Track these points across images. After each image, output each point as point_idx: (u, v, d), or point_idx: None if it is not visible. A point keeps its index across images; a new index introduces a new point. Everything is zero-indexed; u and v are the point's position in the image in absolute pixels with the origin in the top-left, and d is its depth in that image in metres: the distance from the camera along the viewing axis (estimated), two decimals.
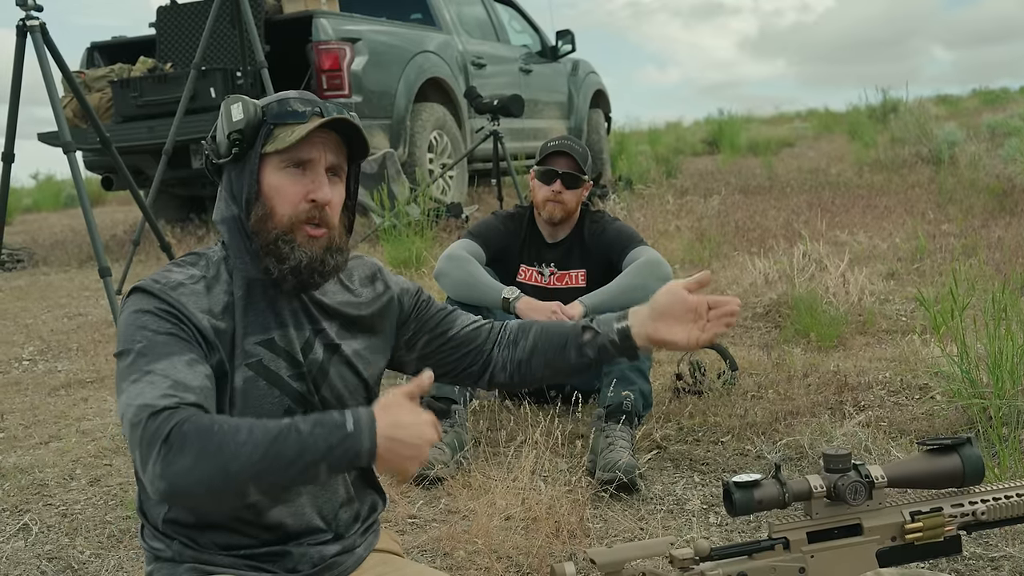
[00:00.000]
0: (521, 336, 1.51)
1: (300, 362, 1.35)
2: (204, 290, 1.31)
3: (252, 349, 1.32)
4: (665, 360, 3.35)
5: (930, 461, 1.36)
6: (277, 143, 1.31)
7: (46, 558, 2.16)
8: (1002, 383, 2.42)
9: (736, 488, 1.29)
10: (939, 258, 4.68)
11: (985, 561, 1.90)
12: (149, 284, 1.29)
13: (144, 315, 1.25)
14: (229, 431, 1.13)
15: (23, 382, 3.71)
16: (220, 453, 1.11)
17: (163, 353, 1.22)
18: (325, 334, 1.39)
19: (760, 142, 12.98)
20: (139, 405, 1.16)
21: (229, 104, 1.32)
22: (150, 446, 1.13)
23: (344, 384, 1.41)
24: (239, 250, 1.35)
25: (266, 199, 1.32)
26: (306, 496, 1.36)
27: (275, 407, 1.33)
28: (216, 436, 1.12)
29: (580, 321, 1.50)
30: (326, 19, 6.08)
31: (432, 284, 4.45)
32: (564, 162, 2.83)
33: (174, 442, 1.12)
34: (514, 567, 1.98)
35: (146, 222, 4.57)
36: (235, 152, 1.32)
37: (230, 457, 1.11)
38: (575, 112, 9.06)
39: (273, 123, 1.32)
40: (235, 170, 1.34)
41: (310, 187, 1.33)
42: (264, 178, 1.33)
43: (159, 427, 1.13)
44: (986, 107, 15.99)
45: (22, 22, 3.79)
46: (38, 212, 12.18)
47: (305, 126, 1.31)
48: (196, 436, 1.12)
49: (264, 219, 1.32)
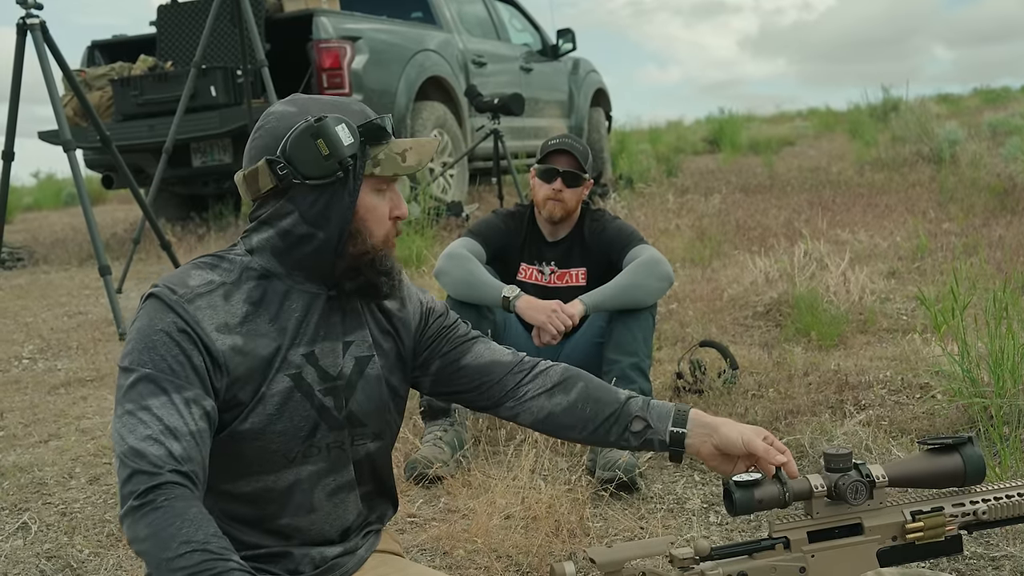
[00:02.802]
0: (561, 390, 1.46)
1: (332, 376, 1.35)
2: (222, 299, 1.29)
3: (295, 359, 1.32)
4: (666, 359, 3.34)
5: (931, 460, 1.35)
6: (385, 167, 1.31)
7: (45, 557, 2.16)
8: (1003, 382, 2.42)
9: (736, 487, 1.28)
10: (940, 257, 4.67)
11: (986, 561, 1.90)
12: (167, 294, 1.26)
13: (156, 333, 1.24)
14: (182, 533, 1.12)
15: (23, 380, 3.71)
16: (165, 549, 1.11)
17: (163, 387, 1.21)
18: (366, 346, 1.39)
19: (761, 141, 12.98)
20: (129, 447, 1.17)
21: (332, 125, 1.28)
22: (126, 497, 1.15)
23: (368, 398, 1.40)
24: (298, 265, 1.33)
25: (361, 221, 1.33)
26: (318, 514, 1.37)
27: (305, 420, 1.33)
28: (173, 532, 1.12)
29: (630, 404, 1.43)
30: (326, 17, 6.08)
31: (432, 283, 4.45)
32: (565, 160, 2.82)
33: (143, 509, 1.13)
34: (514, 566, 1.98)
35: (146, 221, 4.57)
36: (338, 176, 1.30)
37: (167, 560, 1.11)
38: (576, 111, 9.05)
39: (369, 144, 1.32)
40: (327, 193, 1.31)
41: (391, 205, 1.36)
42: (360, 200, 1.32)
43: (137, 486, 1.14)
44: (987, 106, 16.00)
45: (22, 20, 3.79)
46: (38, 211, 12.18)
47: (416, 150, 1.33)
48: (162, 519, 1.13)
49: (362, 240, 1.33)
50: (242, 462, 1.30)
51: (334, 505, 1.38)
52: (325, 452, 1.35)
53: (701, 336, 3.51)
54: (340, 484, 1.38)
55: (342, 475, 1.38)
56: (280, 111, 1.33)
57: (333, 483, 1.37)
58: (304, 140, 1.28)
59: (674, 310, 4.05)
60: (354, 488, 1.41)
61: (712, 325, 3.80)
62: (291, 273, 1.34)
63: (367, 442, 1.41)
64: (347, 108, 1.33)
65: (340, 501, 1.39)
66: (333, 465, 1.37)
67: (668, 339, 3.63)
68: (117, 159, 4.33)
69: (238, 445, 1.29)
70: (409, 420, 2.82)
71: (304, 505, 1.35)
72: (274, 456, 1.31)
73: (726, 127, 13.77)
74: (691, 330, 3.70)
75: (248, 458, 1.30)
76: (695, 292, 4.29)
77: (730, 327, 3.81)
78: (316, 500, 1.36)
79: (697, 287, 4.39)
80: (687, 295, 4.26)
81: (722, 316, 3.94)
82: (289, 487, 1.34)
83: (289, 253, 1.33)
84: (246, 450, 1.30)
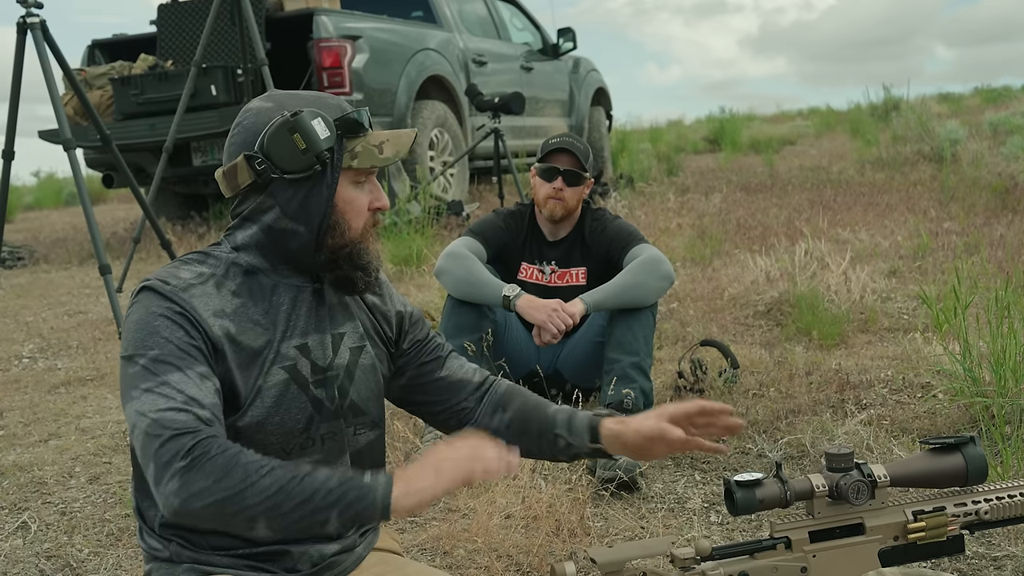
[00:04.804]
0: (499, 408, 1.49)
1: (322, 368, 1.35)
2: (214, 289, 1.30)
3: (288, 352, 1.32)
4: (666, 358, 3.34)
5: (933, 460, 1.35)
6: (362, 159, 1.32)
7: (44, 556, 2.16)
8: (1005, 381, 2.41)
9: (738, 487, 1.28)
10: (941, 256, 4.67)
11: (988, 561, 1.89)
12: (159, 285, 1.26)
13: (156, 318, 1.24)
14: (253, 461, 1.15)
15: (23, 380, 3.71)
16: (242, 481, 1.13)
17: (175, 364, 1.21)
18: (358, 336, 1.40)
19: (761, 140, 12.97)
20: (155, 419, 1.16)
21: (308, 119, 1.28)
22: (168, 464, 1.14)
23: (367, 387, 1.41)
24: (283, 259, 1.34)
25: (340, 213, 1.33)
26: None
27: (301, 412, 1.33)
28: (241, 465, 1.14)
29: (555, 421, 1.45)
30: (327, 16, 6.07)
31: (432, 282, 4.45)
32: (565, 159, 2.82)
33: (196, 463, 1.13)
34: (514, 566, 1.98)
35: (147, 220, 4.56)
36: (316, 169, 1.30)
37: (249, 486, 1.13)
38: (576, 110, 9.05)
39: (346, 137, 1.32)
40: (305, 187, 1.31)
41: (370, 197, 1.36)
42: (339, 192, 1.33)
43: (181, 446, 1.14)
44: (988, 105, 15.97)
45: (23, 19, 3.78)
46: (39, 210, 12.19)
47: (392, 141, 1.33)
48: (221, 460, 1.14)
49: (341, 233, 1.33)
50: None
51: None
52: (320, 443, 1.36)
53: (702, 335, 3.51)
54: None
55: (337, 466, 1.38)
56: (257, 107, 1.34)
57: None
58: (281, 135, 1.29)
59: (675, 309, 4.04)
60: None
61: (713, 324, 3.80)
62: (276, 267, 1.35)
63: (367, 431, 1.43)
64: (323, 102, 1.34)
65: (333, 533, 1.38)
66: (328, 456, 1.37)
67: (669, 338, 3.62)
68: (117, 158, 4.33)
69: (238, 440, 1.28)
70: (409, 420, 2.81)
71: None
72: (273, 449, 1.31)
73: (727, 126, 13.76)
74: (692, 329, 3.70)
75: None
76: (696, 291, 4.29)
77: (731, 326, 3.81)
78: None
79: (698, 286, 4.38)
80: (688, 294, 4.26)
81: (723, 315, 3.94)
82: None
83: (274, 248, 1.34)
84: (245, 445, 1.29)
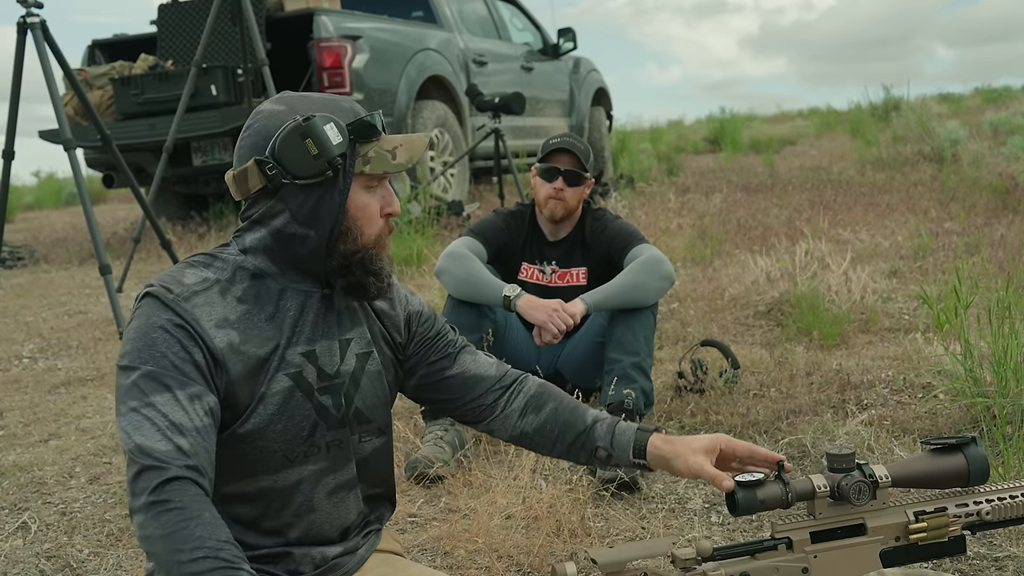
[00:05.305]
0: (532, 410, 1.48)
1: (329, 375, 1.34)
2: (218, 296, 1.28)
3: (294, 358, 1.31)
4: (667, 358, 3.34)
5: (934, 461, 1.35)
6: (375, 165, 1.30)
7: (45, 556, 2.15)
8: (1006, 381, 2.41)
9: (739, 488, 1.28)
10: (942, 256, 4.66)
11: (989, 561, 1.89)
12: (162, 292, 1.25)
13: (155, 329, 1.23)
14: (197, 537, 1.11)
15: (23, 380, 3.70)
16: (176, 552, 1.10)
17: (166, 384, 1.20)
18: (365, 342, 1.39)
19: (762, 140, 12.97)
20: (137, 444, 1.16)
21: (320, 124, 1.26)
22: (139, 495, 1.14)
23: (373, 394, 1.40)
24: (292, 264, 1.32)
25: (352, 219, 1.31)
26: (318, 514, 1.36)
27: (305, 419, 1.32)
28: (185, 533, 1.11)
29: (595, 430, 1.45)
30: (327, 16, 6.07)
31: (432, 282, 4.45)
32: (566, 160, 2.82)
33: (155, 507, 1.13)
34: (515, 566, 1.97)
35: (147, 220, 4.56)
36: (328, 175, 1.28)
37: (176, 564, 1.10)
38: (576, 110, 9.05)
39: (358, 141, 1.30)
40: (316, 192, 1.29)
41: (383, 202, 1.35)
42: (351, 198, 1.31)
43: (150, 482, 1.14)
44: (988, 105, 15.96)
45: (23, 19, 3.78)
46: (39, 210, 12.18)
47: (406, 146, 1.31)
48: (174, 518, 1.12)
49: (353, 239, 1.32)
50: (243, 463, 1.30)
51: (334, 504, 1.38)
52: (325, 451, 1.35)
53: (702, 335, 3.51)
54: (340, 483, 1.38)
55: (342, 474, 1.38)
56: (269, 110, 1.32)
57: (333, 482, 1.37)
58: (292, 140, 1.27)
59: (675, 309, 4.04)
60: (355, 487, 1.40)
61: (713, 324, 3.79)
62: (285, 272, 1.33)
63: (372, 438, 1.42)
64: (336, 106, 1.32)
65: (340, 500, 1.38)
66: (333, 464, 1.36)
67: (669, 338, 3.62)
68: (117, 158, 4.32)
69: (239, 446, 1.28)
70: (409, 420, 2.81)
71: (305, 505, 1.35)
72: (275, 456, 1.31)
73: (727, 126, 13.76)
74: (692, 329, 3.69)
75: (250, 459, 1.30)
76: (696, 291, 4.29)
77: (731, 326, 3.81)
78: (316, 499, 1.36)
79: (698, 286, 4.38)
80: (688, 294, 4.25)
81: (723, 315, 3.94)
82: (291, 487, 1.33)
83: (282, 253, 1.32)
84: (247, 451, 1.29)
